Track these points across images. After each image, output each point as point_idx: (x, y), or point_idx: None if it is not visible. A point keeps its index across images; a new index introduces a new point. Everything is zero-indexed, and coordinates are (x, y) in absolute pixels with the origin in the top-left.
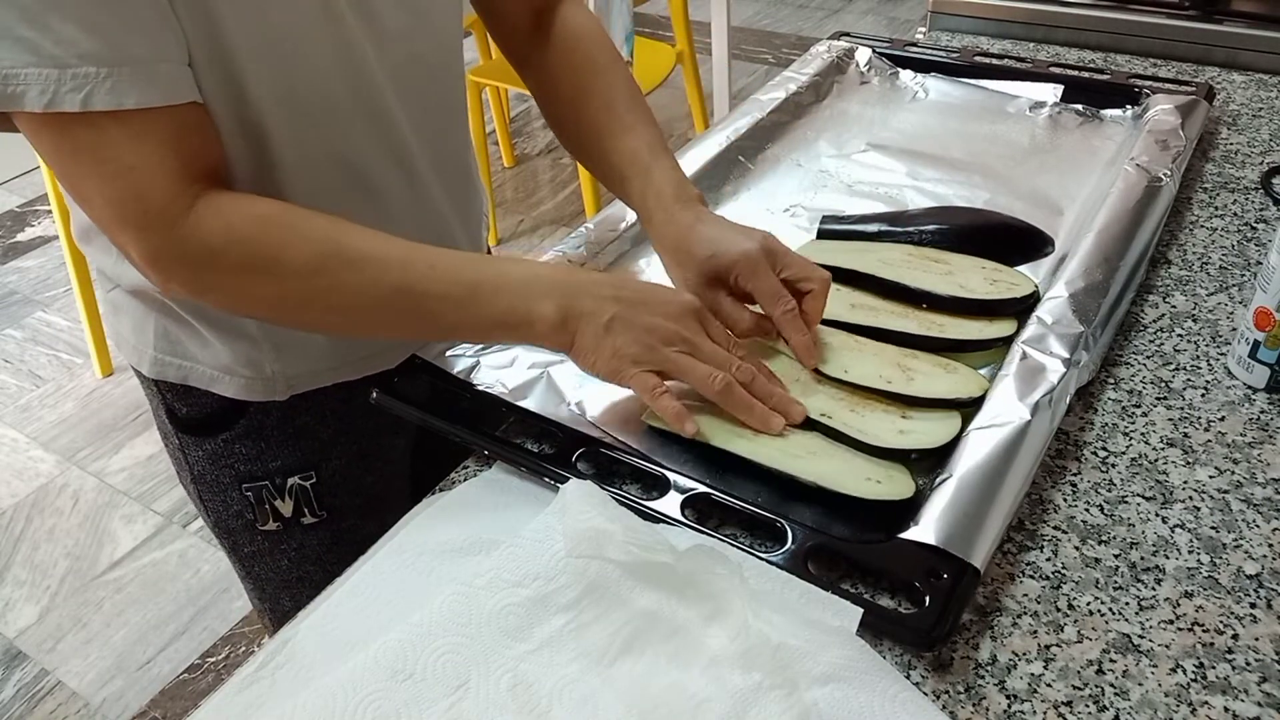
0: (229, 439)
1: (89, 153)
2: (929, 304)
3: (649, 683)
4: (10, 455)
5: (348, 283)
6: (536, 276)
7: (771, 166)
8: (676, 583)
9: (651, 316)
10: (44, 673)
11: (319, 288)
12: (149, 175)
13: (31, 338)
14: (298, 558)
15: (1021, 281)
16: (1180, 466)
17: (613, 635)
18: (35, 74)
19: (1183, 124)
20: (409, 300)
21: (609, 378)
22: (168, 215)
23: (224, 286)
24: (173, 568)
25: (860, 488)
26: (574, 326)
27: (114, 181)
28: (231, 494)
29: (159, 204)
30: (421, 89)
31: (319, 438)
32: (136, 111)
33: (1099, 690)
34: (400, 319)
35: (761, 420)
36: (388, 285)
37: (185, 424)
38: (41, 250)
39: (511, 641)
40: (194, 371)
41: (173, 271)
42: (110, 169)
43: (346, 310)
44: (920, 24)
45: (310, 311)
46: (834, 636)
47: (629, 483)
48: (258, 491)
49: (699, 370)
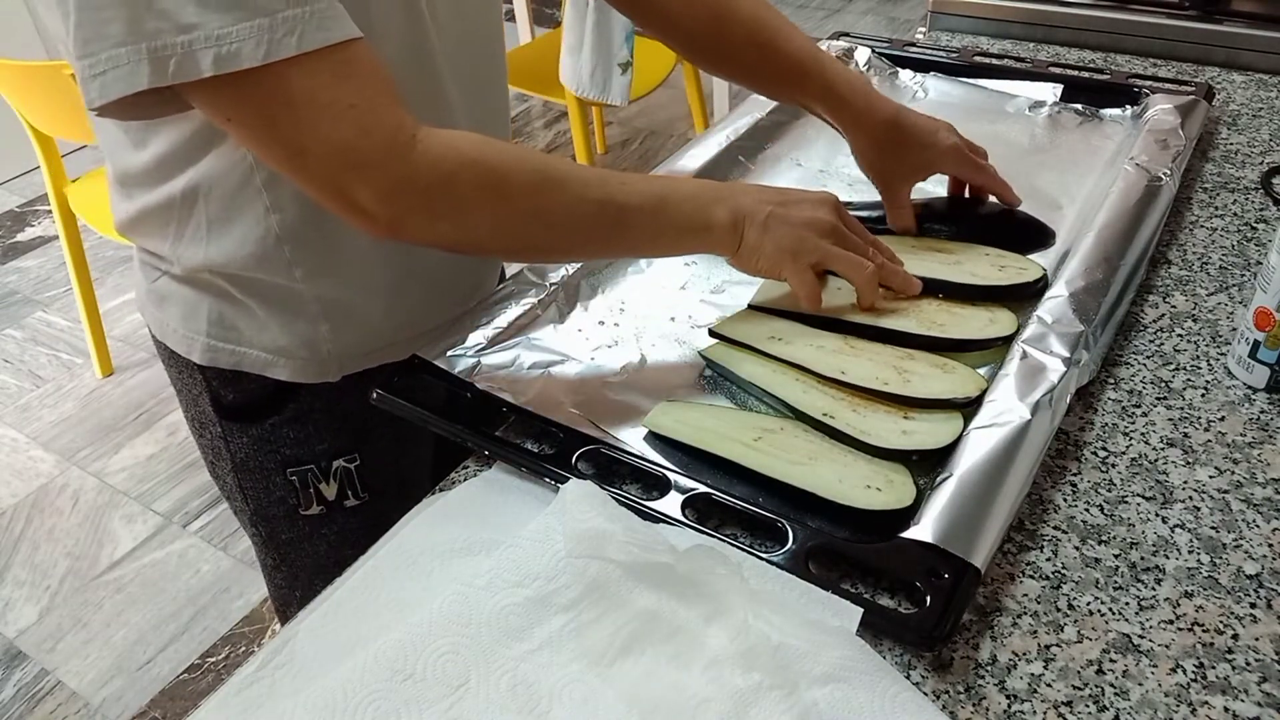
0: (276, 424)
1: (305, 99)
2: (944, 293)
3: (649, 683)
4: (10, 455)
5: (562, 199)
6: (705, 186)
7: (771, 166)
8: (677, 583)
9: (803, 212)
10: (44, 673)
11: (540, 205)
12: (371, 110)
13: (31, 338)
14: (337, 541)
15: (1029, 266)
16: (1180, 466)
17: (613, 635)
18: (247, 28)
19: (1182, 124)
20: (613, 211)
21: (770, 272)
22: (398, 146)
23: (460, 209)
24: (173, 568)
25: (861, 497)
26: (741, 228)
27: (338, 123)
28: (275, 479)
29: (388, 136)
30: (472, 69)
31: (363, 420)
32: (339, 48)
33: (1099, 690)
34: (607, 231)
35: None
36: (594, 199)
37: (230, 411)
38: (41, 250)
39: (512, 641)
40: (247, 356)
41: (410, 201)
42: (331, 111)
43: (562, 225)
44: (920, 24)
45: (532, 227)
46: (834, 636)
47: (629, 483)
48: (303, 475)
49: (851, 258)
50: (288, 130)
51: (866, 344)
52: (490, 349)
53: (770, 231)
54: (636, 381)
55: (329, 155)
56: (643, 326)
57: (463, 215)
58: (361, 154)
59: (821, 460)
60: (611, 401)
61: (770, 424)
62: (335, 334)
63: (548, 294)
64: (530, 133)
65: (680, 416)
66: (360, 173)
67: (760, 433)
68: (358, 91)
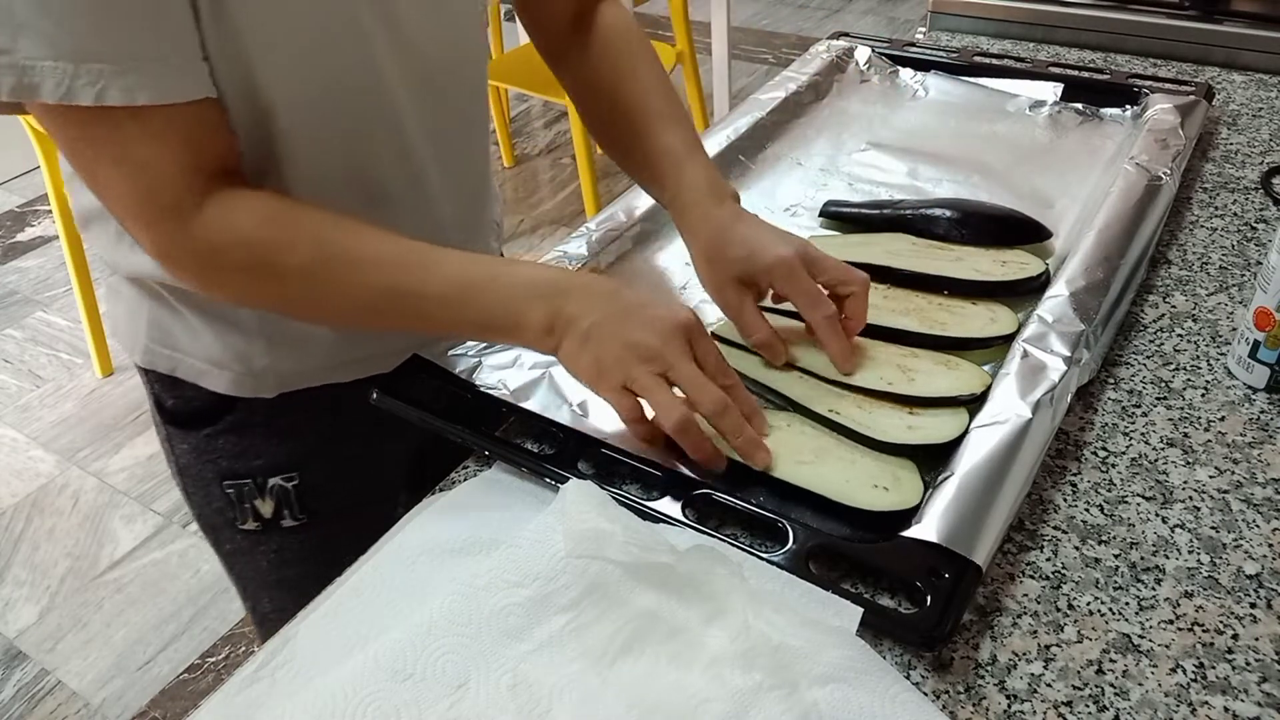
0: (213, 433)
1: (104, 146)
2: (949, 289)
3: (649, 683)
4: (10, 455)
5: (344, 284)
6: (530, 279)
7: (772, 165)
8: (677, 583)
9: (635, 330)
10: (44, 673)
11: (317, 289)
12: (162, 172)
13: (31, 338)
14: (276, 560)
15: (1030, 261)
16: (1180, 466)
17: (613, 635)
18: (51, 67)
19: (1182, 123)
20: (403, 301)
21: (589, 387)
22: (179, 212)
23: (230, 283)
24: (173, 568)
25: (867, 498)
26: (561, 331)
27: (128, 177)
28: (214, 489)
29: (171, 201)
30: (438, 101)
31: (305, 439)
32: (151, 108)
33: (1099, 690)
34: (396, 318)
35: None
36: (382, 286)
37: (172, 416)
38: (41, 250)
39: (512, 641)
40: (183, 363)
41: (183, 265)
42: (125, 165)
43: (344, 310)
44: (920, 24)
45: (311, 310)
46: (834, 636)
47: (629, 483)
48: (239, 489)
49: (661, 398)
50: (86, 166)
51: (868, 343)
52: (491, 349)
53: (589, 343)
54: None
55: (117, 201)
56: None
57: (235, 287)
58: (143, 211)
59: (828, 458)
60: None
61: (776, 421)
62: (271, 351)
63: None
64: (530, 133)
65: None
66: (140, 226)
67: (766, 430)
68: (158, 152)
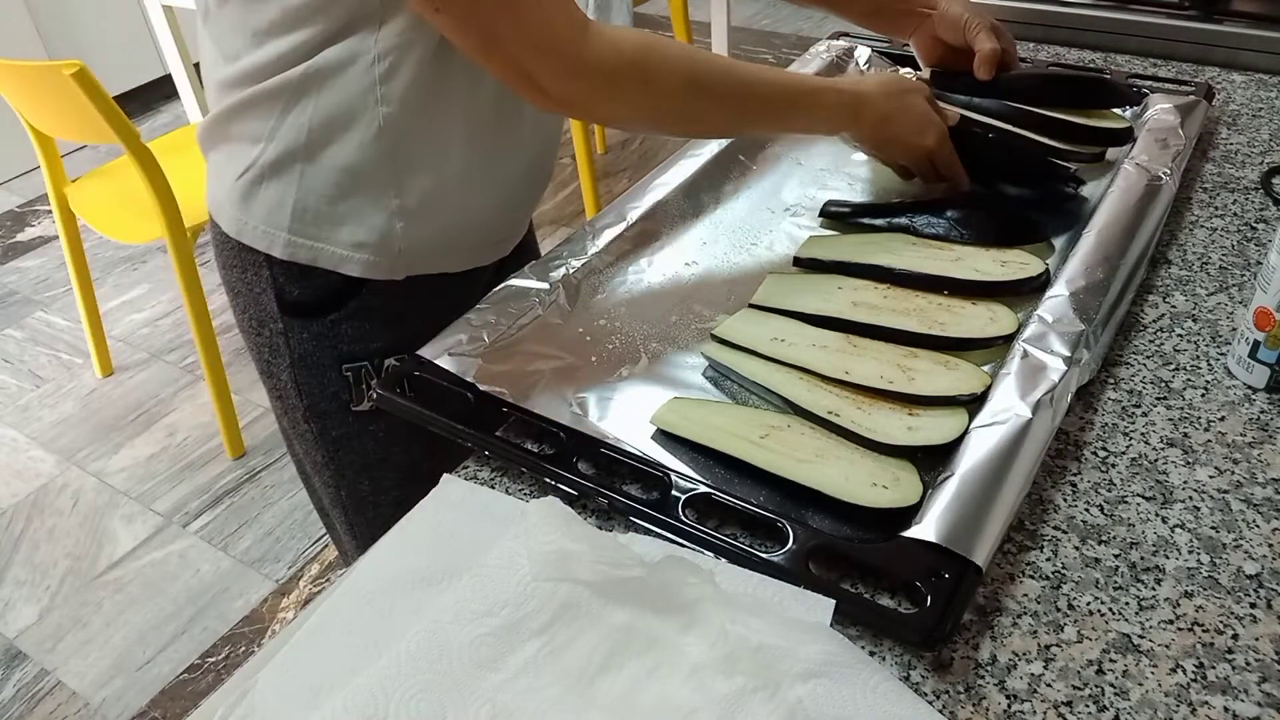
0: (336, 319)
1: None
2: (949, 289)
3: (633, 698)
4: (10, 455)
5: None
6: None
7: (772, 165)
8: (649, 595)
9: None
10: (44, 673)
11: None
12: (553, 8)
13: (31, 338)
14: (385, 439)
15: (1030, 260)
16: (1180, 466)
17: (590, 654)
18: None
19: (1182, 123)
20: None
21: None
22: (572, 39)
23: (614, 99)
24: (173, 568)
25: (868, 495)
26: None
27: (528, 16)
28: (330, 375)
29: (565, 30)
30: None
31: (416, 323)
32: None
33: (1099, 690)
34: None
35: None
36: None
37: (294, 307)
38: (41, 250)
39: (486, 672)
40: (323, 252)
41: (577, 86)
42: (524, 7)
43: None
44: None
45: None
46: (811, 632)
47: (629, 483)
48: (356, 372)
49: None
50: (487, 18)
51: (869, 343)
52: (491, 349)
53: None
54: (637, 381)
55: (519, 42)
56: (644, 326)
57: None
58: (545, 43)
59: (828, 457)
60: (612, 401)
61: (777, 420)
62: (408, 231)
63: (549, 294)
64: None
65: (687, 413)
66: (543, 57)
67: (767, 430)
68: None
